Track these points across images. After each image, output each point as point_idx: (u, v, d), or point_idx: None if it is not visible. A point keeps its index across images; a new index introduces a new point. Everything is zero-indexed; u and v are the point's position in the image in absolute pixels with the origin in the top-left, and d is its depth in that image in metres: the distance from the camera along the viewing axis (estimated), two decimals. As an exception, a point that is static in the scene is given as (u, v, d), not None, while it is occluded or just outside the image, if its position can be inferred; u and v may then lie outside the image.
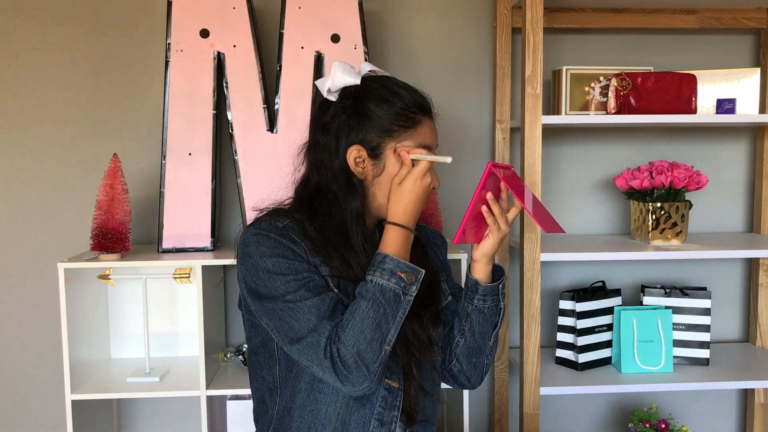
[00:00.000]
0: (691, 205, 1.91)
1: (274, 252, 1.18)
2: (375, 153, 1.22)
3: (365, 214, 1.24)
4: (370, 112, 1.22)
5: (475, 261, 1.31)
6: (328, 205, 1.23)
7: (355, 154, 1.22)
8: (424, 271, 1.19)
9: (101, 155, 1.97)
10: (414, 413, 1.24)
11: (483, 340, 1.32)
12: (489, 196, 1.26)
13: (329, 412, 1.21)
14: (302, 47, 1.81)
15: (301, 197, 1.27)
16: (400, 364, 1.23)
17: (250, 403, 1.83)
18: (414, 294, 1.17)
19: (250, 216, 1.79)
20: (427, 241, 1.41)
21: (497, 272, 1.34)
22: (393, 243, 1.18)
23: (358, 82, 1.24)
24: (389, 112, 1.22)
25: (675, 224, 1.88)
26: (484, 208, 1.26)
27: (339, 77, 1.23)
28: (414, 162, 1.20)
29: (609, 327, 1.95)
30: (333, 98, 1.25)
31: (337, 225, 1.23)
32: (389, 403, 1.22)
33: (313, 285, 1.17)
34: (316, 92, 1.82)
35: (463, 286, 1.35)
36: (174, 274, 1.73)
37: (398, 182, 1.19)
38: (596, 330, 1.93)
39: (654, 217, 1.88)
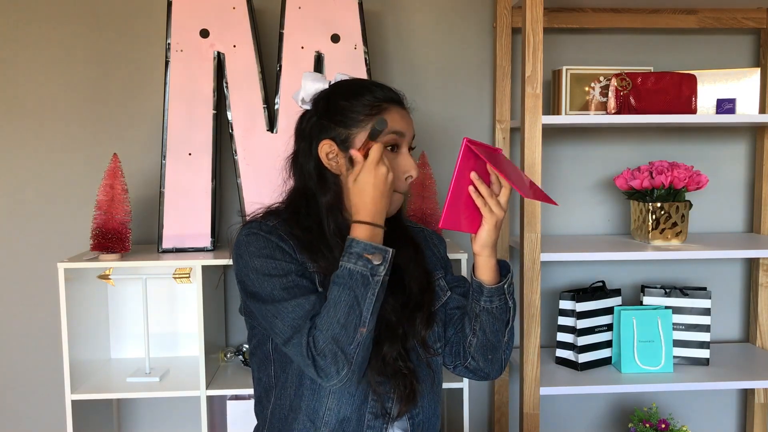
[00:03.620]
0: (691, 205, 1.91)
1: (262, 252, 1.20)
2: (345, 146, 1.22)
3: (342, 209, 1.25)
4: (339, 107, 1.23)
5: (476, 255, 1.28)
6: (307, 206, 1.26)
7: (326, 149, 1.23)
8: (392, 250, 1.18)
9: (101, 155, 1.97)
10: (408, 407, 1.24)
11: (496, 337, 1.30)
12: (474, 176, 1.22)
13: (323, 410, 1.22)
14: (302, 47, 1.81)
15: (287, 202, 1.31)
16: (390, 364, 1.22)
17: (250, 403, 1.83)
18: (383, 274, 1.16)
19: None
20: (425, 241, 1.40)
21: (504, 267, 1.31)
22: (361, 233, 1.17)
23: (326, 86, 1.28)
24: (356, 104, 1.23)
25: (675, 224, 1.88)
26: (471, 189, 1.23)
27: (309, 85, 1.28)
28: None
29: (609, 327, 1.95)
30: (308, 107, 1.29)
31: (318, 223, 1.24)
32: (381, 396, 1.23)
33: (299, 287, 1.19)
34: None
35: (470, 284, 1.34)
36: (174, 274, 1.73)
37: (353, 179, 1.18)
38: (596, 330, 1.93)
39: (654, 217, 1.88)
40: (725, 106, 1.89)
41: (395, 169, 1.23)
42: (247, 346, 1.90)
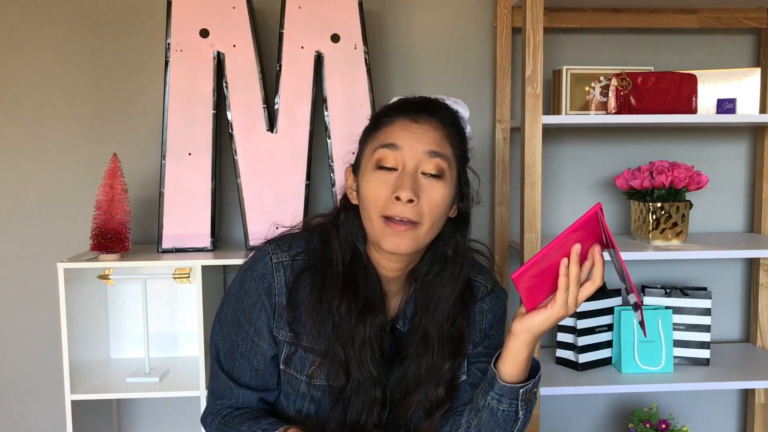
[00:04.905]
0: (691, 205, 1.91)
1: (240, 303, 1.16)
2: (355, 169, 1.13)
3: (365, 248, 1.15)
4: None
5: (512, 335, 1.07)
6: (333, 239, 1.16)
7: (349, 178, 1.15)
8: None
9: (101, 155, 1.97)
10: None
11: None
12: (577, 248, 0.99)
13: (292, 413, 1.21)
14: (302, 47, 1.81)
15: (325, 226, 1.18)
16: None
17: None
18: None
19: (250, 216, 1.80)
20: (473, 303, 1.21)
21: (533, 369, 1.11)
22: None
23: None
24: (372, 122, 1.13)
25: (675, 224, 1.88)
26: (563, 263, 0.99)
27: None
28: None
29: (609, 327, 1.95)
30: None
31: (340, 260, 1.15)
32: None
33: (238, 361, 1.19)
34: (316, 92, 1.82)
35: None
36: (174, 274, 1.73)
37: None
38: (596, 330, 1.93)
39: (654, 217, 1.88)
40: (725, 106, 1.89)
41: (385, 190, 1.06)
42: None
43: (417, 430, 1.17)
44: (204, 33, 1.80)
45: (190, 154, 1.81)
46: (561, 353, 1.95)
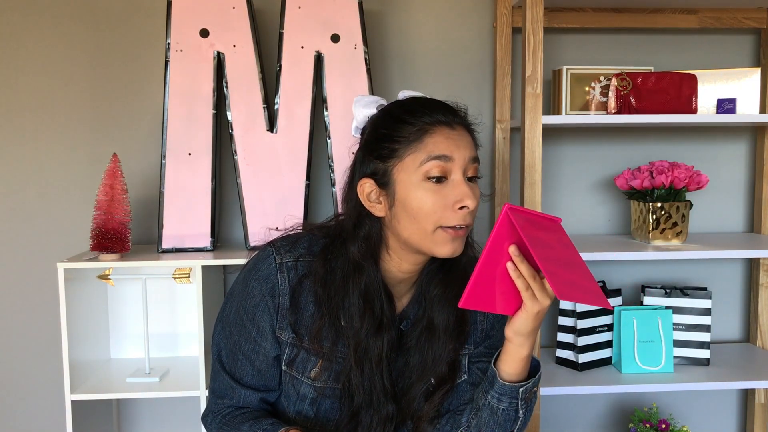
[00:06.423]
0: (691, 205, 1.91)
1: (243, 303, 1.16)
2: (383, 181, 1.08)
3: (378, 260, 1.13)
4: (378, 136, 1.09)
5: (506, 339, 1.08)
6: (343, 245, 1.13)
7: (367, 189, 1.09)
8: None
9: (101, 155, 1.97)
10: None
11: None
12: (513, 251, 1.00)
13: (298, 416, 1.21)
14: (302, 47, 1.81)
15: (330, 230, 1.17)
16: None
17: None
18: None
19: (250, 216, 1.80)
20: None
21: (532, 368, 1.12)
22: None
23: (374, 111, 1.14)
24: (396, 132, 1.07)
25: (675, 224, 1.88)
26: (509, 266, 1.01)
27: (359, 111, 1.14)
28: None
29: (609, 327, 1.95)
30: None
31: (344, 273, 1.13)
32: None
33: (240, 361, 1.20)
34: (316, 92, 1.82)
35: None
36: (174, 274, 1.73)
37: None
38: (596, 330, 1.93)
39: (654, 217, 1.88)
40: (725, 106, 1.89)
41: (441, 201, 1.05)
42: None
43: (418, 415, 1.17)
44: (204, 33, 1.80)
45: (190, 154, 1.81)
46: (561, 353, 1.95)
